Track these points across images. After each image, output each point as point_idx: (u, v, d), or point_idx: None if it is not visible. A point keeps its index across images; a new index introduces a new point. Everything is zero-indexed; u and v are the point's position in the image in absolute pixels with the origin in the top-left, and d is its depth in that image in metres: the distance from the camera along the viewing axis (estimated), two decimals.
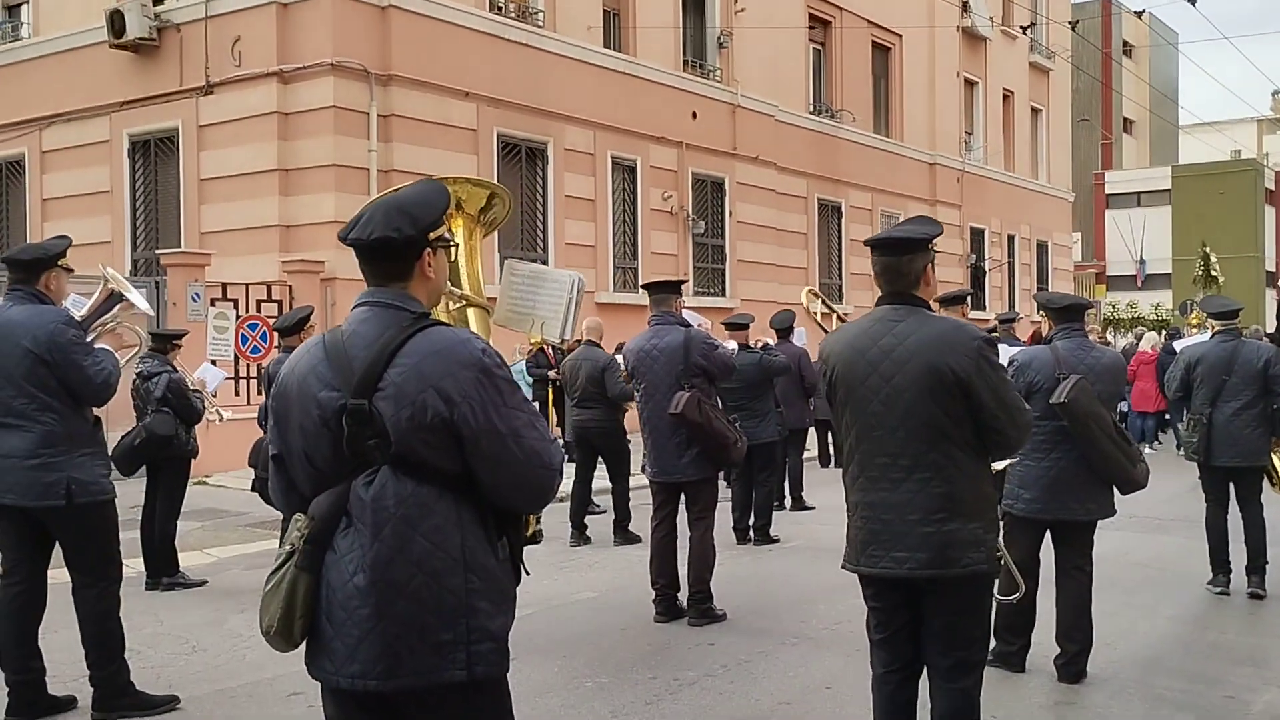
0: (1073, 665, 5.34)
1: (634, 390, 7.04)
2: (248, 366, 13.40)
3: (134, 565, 7.33)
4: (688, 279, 18.46)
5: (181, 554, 8.01)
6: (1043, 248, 32.17)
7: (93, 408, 4.96)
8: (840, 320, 5.92)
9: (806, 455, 11.86)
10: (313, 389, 2.53)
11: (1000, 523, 3.97)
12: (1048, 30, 32.02)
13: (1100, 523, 5.44)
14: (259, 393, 11.28)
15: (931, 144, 26.74)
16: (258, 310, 13.64)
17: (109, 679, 4.90)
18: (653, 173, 19.13)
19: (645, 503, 7.28)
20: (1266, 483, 7.40)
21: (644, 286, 7.40)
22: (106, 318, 5.18)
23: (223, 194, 15.18)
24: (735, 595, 6.99)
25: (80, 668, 4.99)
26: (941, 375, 3.50)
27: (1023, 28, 30.10)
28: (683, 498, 6.79)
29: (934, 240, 3.68)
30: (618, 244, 18.67)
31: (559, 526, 8.95)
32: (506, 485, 2.52)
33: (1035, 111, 32.08)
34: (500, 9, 16.97)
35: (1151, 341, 17.43)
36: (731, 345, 8.52)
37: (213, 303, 13.20)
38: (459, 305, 3.77)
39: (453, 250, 2.91)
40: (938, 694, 3.63)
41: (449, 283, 3.23)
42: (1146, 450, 13.74)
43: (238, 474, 11.17)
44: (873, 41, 25.09)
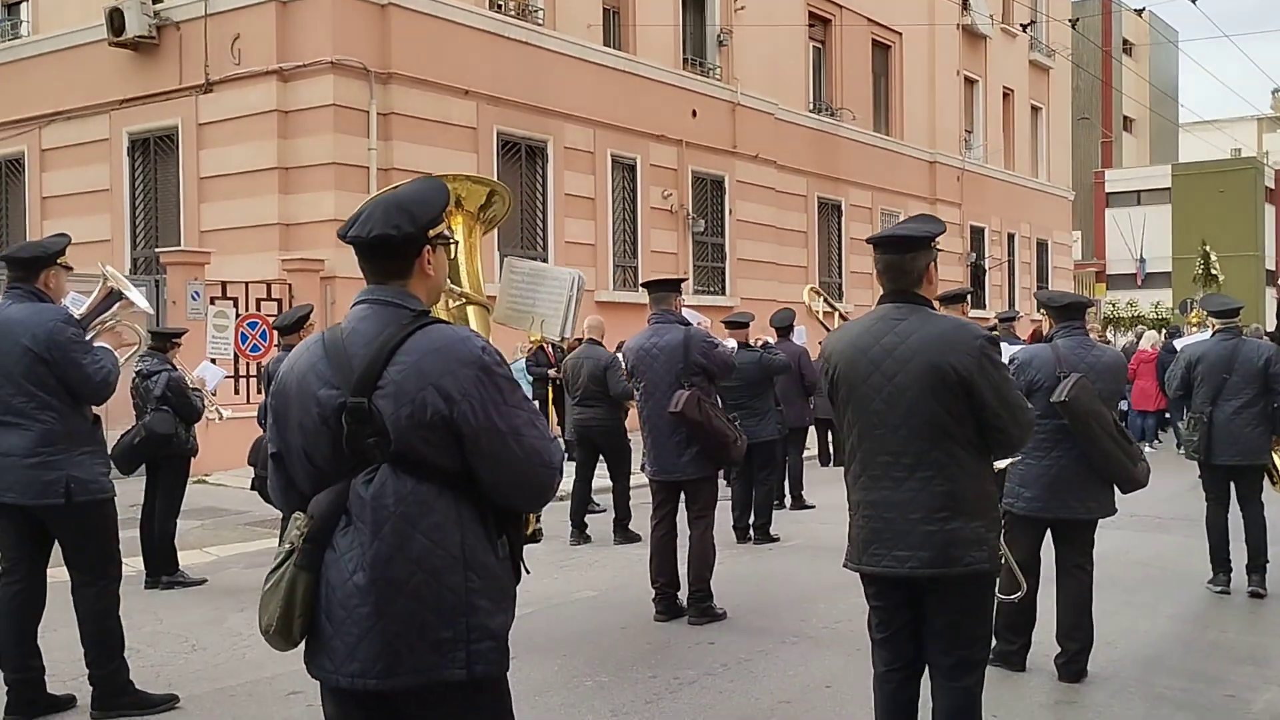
0: (1073, 664, 5.33)
1: (634, 389, 7.03)
2: (247, 365, 13.40)
3: (133, 564, 7.32)
4: (687, 277, 18.45)
5: (181, 552, 8.01)
6: (1043, 246, 32.17)
7: (92, 406, 4.95)
8: (842, 319, 5.89)
9: (806, 454, 11.86)
10: (312, 387, 2.53)
11: (1001, 521, 3.96)
12: (1048, 28, 32.01)
13: (1100, 521, 5.43)
14: (259, 391, 11.28)
15: (931, 142, 26.72)
16: (257, 309, 13.63)
17: (108, 678, 4.90)
18: (652, 171, 19.12)
19: (645, 501, 7.27)
20: (1267, 481, 7.39)
21: (643, 285, 7.40)
22: (106, 316, 5.17)
23: (222, 192, 15.17)
24: (735, 594, 6.98)
25: (79, 666, 4.99)
26: (944, 374, 3.49)
27: (1023, 26, 30.13)
28: (682, 496, 6.79)
29: (937, 238, 3.68)
30: (617, 242, 18.66)
31: (559, 525, 8.95)
32: (506, 483, 2.51)
33: (1035, 110, 32.07)
34: (500, 7, 16.95)
35: (1152, 340, 17.42)
36: (731, 344, 8.51)
37: (212, 301, 13.19)
38: (459, 303, 3.76)
39: (452, 248, 2.91)
40: (939, 693, 3.62)
41: (449, 280, 3.22)
42: (1147, 449, 13.74)
43: (237, 472, 11.17)
44: (873, 40, 25.07)
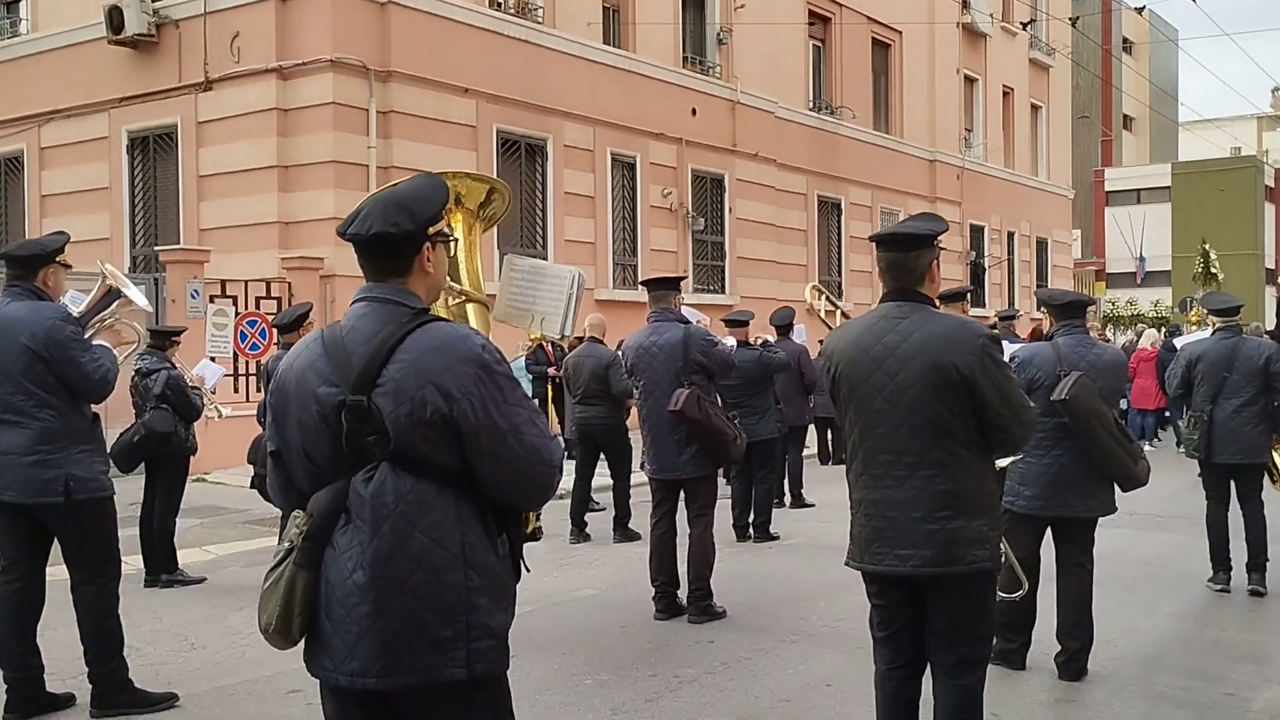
0: (1073, 663, 5.33)
1: (633, 387, 7.03)
2: (247, 363, 13.39)
3: (133, 562, 7.32)
4: (687, 276, 18.44)
5: (180, 551, 8.01)
6: (1042, 245, 32.15)
7: (91, 404, 4.95)
8: (844, 317, 5.89)
9: (806, 452, 11.86)
10: (311, 385, 2.52)
11: (1003, 520, 3.95)
12: (1048, 27, 31.99)
13: (1100, 520, 5.43)
14: (258, 390, 11.27)
15: (931, 141, 26.71)
16: (257, 307, 13.62)
17: (108, 676, 4.89)
18: (652, 169, 19.10)
19: (645, 500, 7.27)
20: (1267, 480, 7.39)
21: (643, 283, 7.39)
22: (105, 314, 5.17)
23: (222, 190, 15.15)
24: (735, 592, 6.98)
25: (79, 665, 4.99)
26: (946, 373, 3.48)
27: (1023, 24, 30.11)
28: (682, 495, 6.78)
29: (939, 237, 3.68)
30: (617, 241, 18.64)
31: (559, 523, 8.94)
32: (506, 482, 2.50)
33: (1035, 108, 32.05)
34: (499, 5, 16.93)
35: (1151, 339, 17.43)
36: (730, 342, 8.51)
37: (212, 299, 13.18)
38: (458, 301, 3.75)
39: (452, 245, 2.90)
40: (941, 691, 3.62)
41: (448, 278, 3.21)
42: (1146, 447, 13.73)
43: (237, 471, 11.16)
44: (873, 38, 25.05)
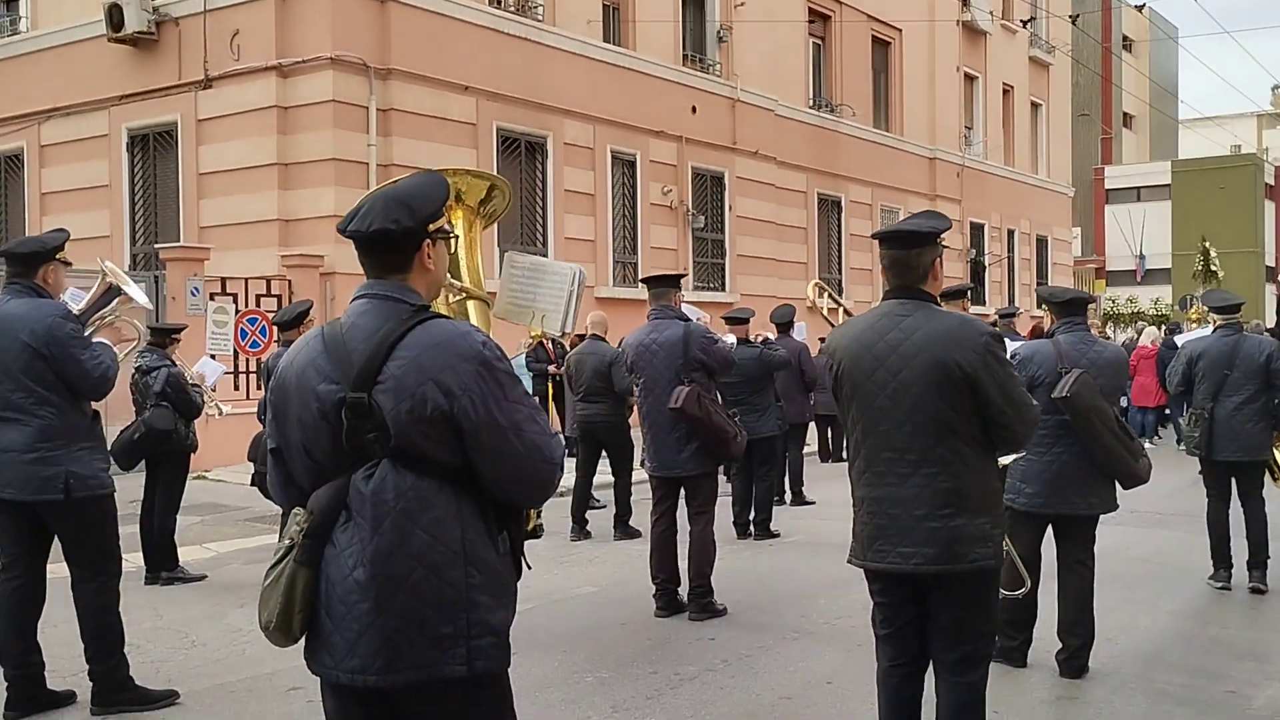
0: (1074, 660, 5.33)
1: (634, 385, 7.02)
2: (247, 361, 13.38)
3: (133, 560, 7.31)
4: (687, 273, 18.43)
5: (181, 549, 8.00)
6: (1042, 243, 32.15)
7: (91, 402, 4.94)
8: (847, 314, 5.88)
9: (806, 450, 11.85)
10: (311, 382, 2.51)
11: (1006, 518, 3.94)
12: (1048, 24, 31.98)
13: (1101, 518, 5.43)
14: (258, 387, 11.26)
15: (931, 139, 26.70)
16: (257, 305, 13.61)
17: (108, 673, 4.89)
18: (652, 167, 19.09)
19: (645, 497, 7.26)
20: (1268, 477, 7.39)
21: (643, 281, 7.38)
22: (105, 311, 5.16)
23: (222, 188, 15.14)
24: (735, 590, 6.98)
25: (79, 662, 4.98)
26: (948, 371, 3.48)
27: (1023, 22, 30.11)
28: (683, 492, 6.78)
29: (942, 235, 3.68)
30: (617, 239, 18.63)
31: (560, 521, 8.94)
32: (507, 479, 2.50)
33: (1035, 106, 32.03)
34: (499, 3, 16.91)
35: (1152, 336, 17.43)
36: (730, 339, 8.50)
37: (212, 297, 13.18)
38: (459, 298, 3.74)
39: (452, 242, 2.89)
40: (944, 688, 3.62)
41: (448, 275, 3.20)
42: (1147, 445, 13.72)
43: (237, 468, 11.15)
44: (872, 36, 25.04)
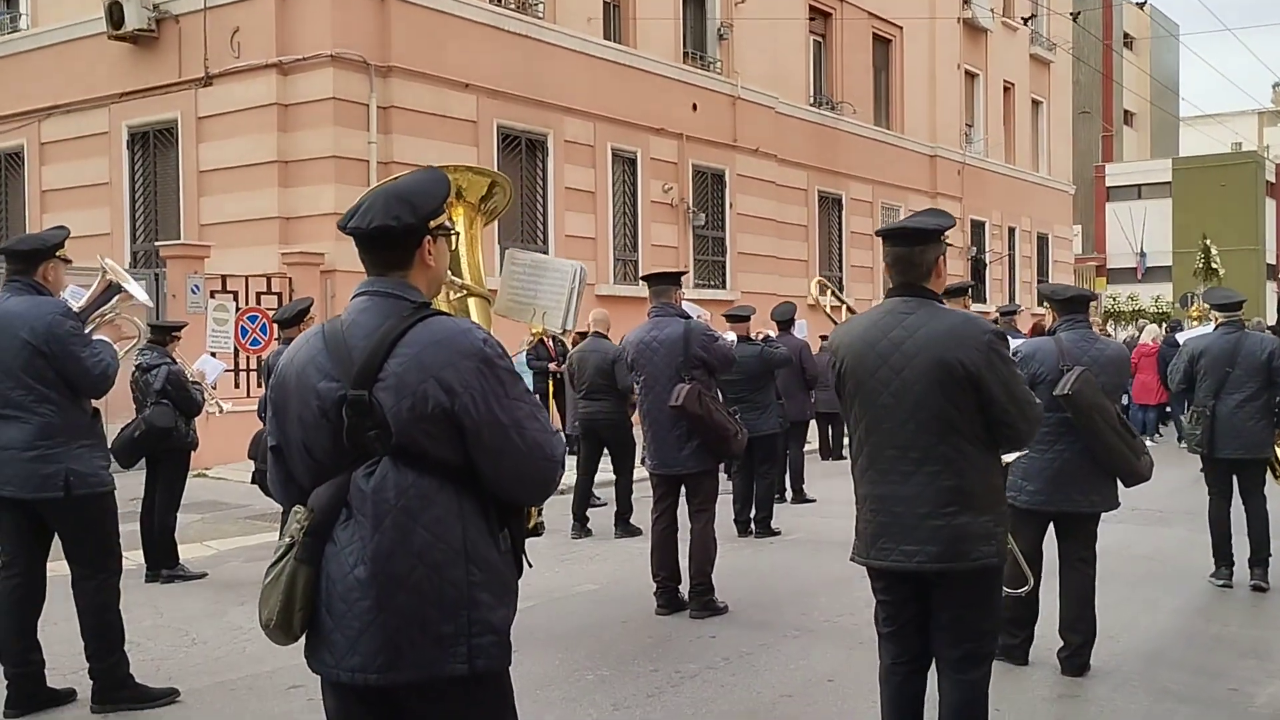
0: (1076, 658, 5.32)
1: (634, 382, 7.01)
2: (247, 359, 13.37)
3: (133, 557, 7.31)
4: (687, 271, 18.41)
5: (181, 546, 8.00)
6: (1043, 240, 32.13)
7: (91, 399, 4.94)
8: (850, 311, 5.87)
9: (807, 448, 11.85)
10: (312, 379, 2.50)
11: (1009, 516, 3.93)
12: (1049, 22, 31.95)
13: (1102, 515, 5.42)
14: (259, 385, 11.25)
15: (932, 136, 26.67)
16: (257, 302, 13.60)
17: (108, 671, 4.89)
18: (653, 164, 19.08)
19: (646, 495, 7.26)
20: (1269, 475, 7.38)
21: (643, 278, 7.36)
22: (105, 309, 5.15)
23: (222, 186, 15.13)
24: (736, 588, 6.97)
25: (80, 660, 4.98)
26: (951, 369, 3.47)
27: (1024, 19, 30.07)
28: (683, 490, 6.77)
29: (946, 232, 3.68)
30: (618, 236, 18.61)
31: (560, 519, 8.94)
32: (508, 477, 2.49)
33: (1036, 103, 32.00)
34: (500, 0, 16.89)
35: (1153, 334, 17.42)
36: (731, 337, 8.49)
37: (212, 295, 13.17)
38: (460, 295, 3.74)
39: (453, 239, 2.88)
40: (947, 686, 3.62)
41: (449, 272, 3.19)
42: (1148, 443, 13.71)
43: (237, 466, 11.15)
44: (873, 33, 25.01)
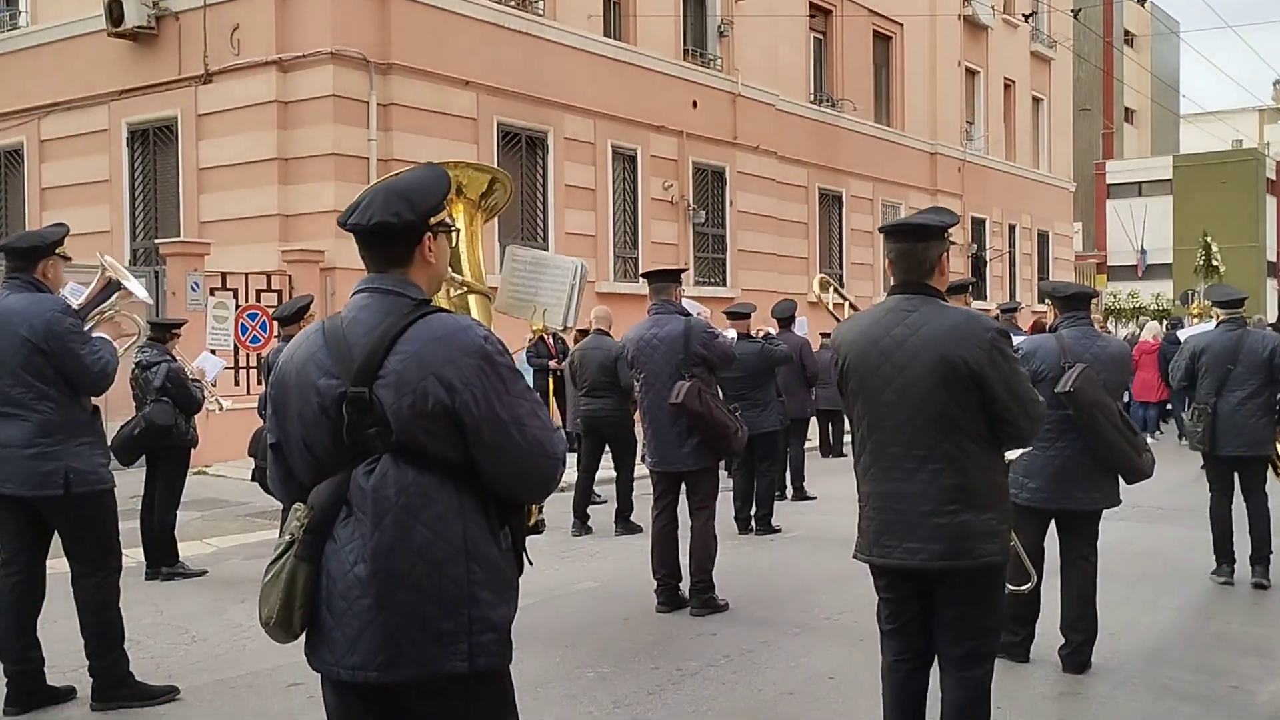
0: (1077, 655, 5.32)
1: (634, 379, 7.00)
2: (247, 356, 13.37)
3: (133, 555, 7.30)
4: (687, 268, 18.40)
5: (181, 544, 7.99)
6: (1044, 237, 32.11)
7: (90, 397, 4.93)
8: (853, 309, 5.85)
9: (808, 445, 11.85)
10: (312, 377, 2.50)
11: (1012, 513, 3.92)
12: (1049, 18, 31.93)
13: (1103, 513, 5.41)
14: (259, 382, 11.25)
15: (933, 133, 26.65)
16: (257, 300, 13.60)
17: (108, 669, 4.88)
18: (653, 162, 19.06)
19: (646, 493, 7.25)
20: (1271, 472, 7.37)
21: (643, 275, 7.35)
22: (104, 306, 5.15)
23: (222, 183, 15.12)
24: (737, 585, 6.96)
25: (79, 658, 4.97)
26: (954, 367, 3.46)
27: (1025, 16, 30.01)
28: (684, 488, 6.76)
29: (950, 230, 3.67)
30: (618, 233, 18.60)
31: (560, 516, 8.93)
32: (509, 474, 2.48)
33: (1036, 101, 31.98)
34: None
35: (1153, 331, 17.42)
36: (731, 334, 8.49)
37: (212, 292, 13.17)
38: (460, 292, 3.73)
39: (453, 236, 2.87)
40: (950, 683, 3.61)
41: (450, 269, 3.18)
42: (1149, 440, 13.71)
43: (237, 464, 11.14)
44: (874, 30, 24.99)
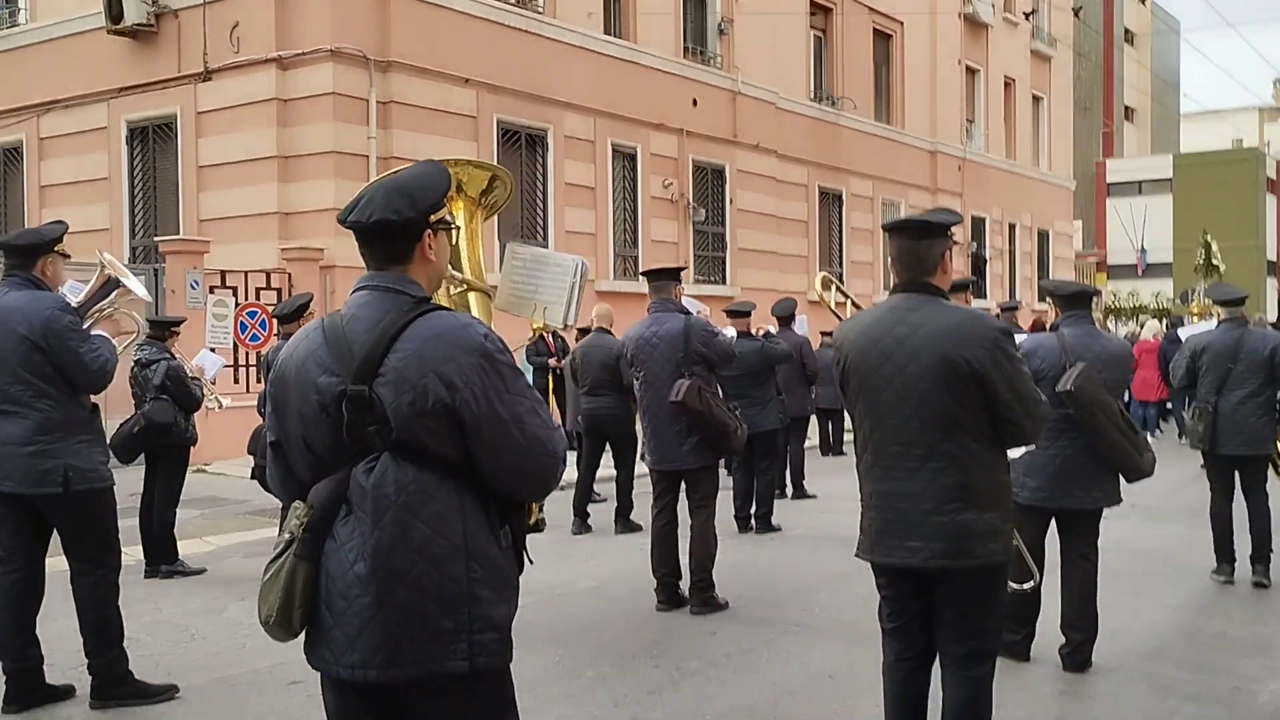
0: (1078, 655, 5.31)
1: (634, 378, 6.99)
2: (247, 354, 13.36)
3: (133, 553, 7.29)
4: (687, 266, 18.40)
5: (180, 542, 7.99)
6: (1044, 236, 32.11)
7: (89, 394, 4.92)
8: (856, 307, 5.84)
9: (808, 444, 11.84)
10: (311, 374, 2.49)
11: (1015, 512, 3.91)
12: (1050, 17, 31.92)
13: (1104, 512, 5.40)
14: (258, 380, 11.25)
15: (933, 132, 26.64)
16: (256, 298, 13.59)
17: (107, 667, 4.87)
18: (653, 160, 19.05)
19: (646, 491, 7.24)
20: (1271, 472, 7.37)
21: (643, 274, 7.34)
22: (103, 304, 5.14)
23: (221, 181, 15.11)
24: (737, 584, 6.95)
25: (79, 656, 4.97)
26: (956, 366, 3.45)
27: (1025, 14, 30.00)
28: (683, 486, 6.75)
29: (953, 229, 3.65)
30: (618, 232, 18.59)
31: (561, 515, 8.92)
32: (509, 472, 2.48)
33: (1037, 99, 31.96)
34: None
35: (1153, 330, 17.40)
36: (730, 332, 8.48)
37: (211, 290, 13.16)
38: (460, 290, 3.72)
39: (454, 233, 2.86)
40: (951, 682, 3.60)
41: (450, 266, 3.18)
42: (1148, 439, 13.70)
43: (237, 462, 11.13)
44: (874, 28, 24.97)
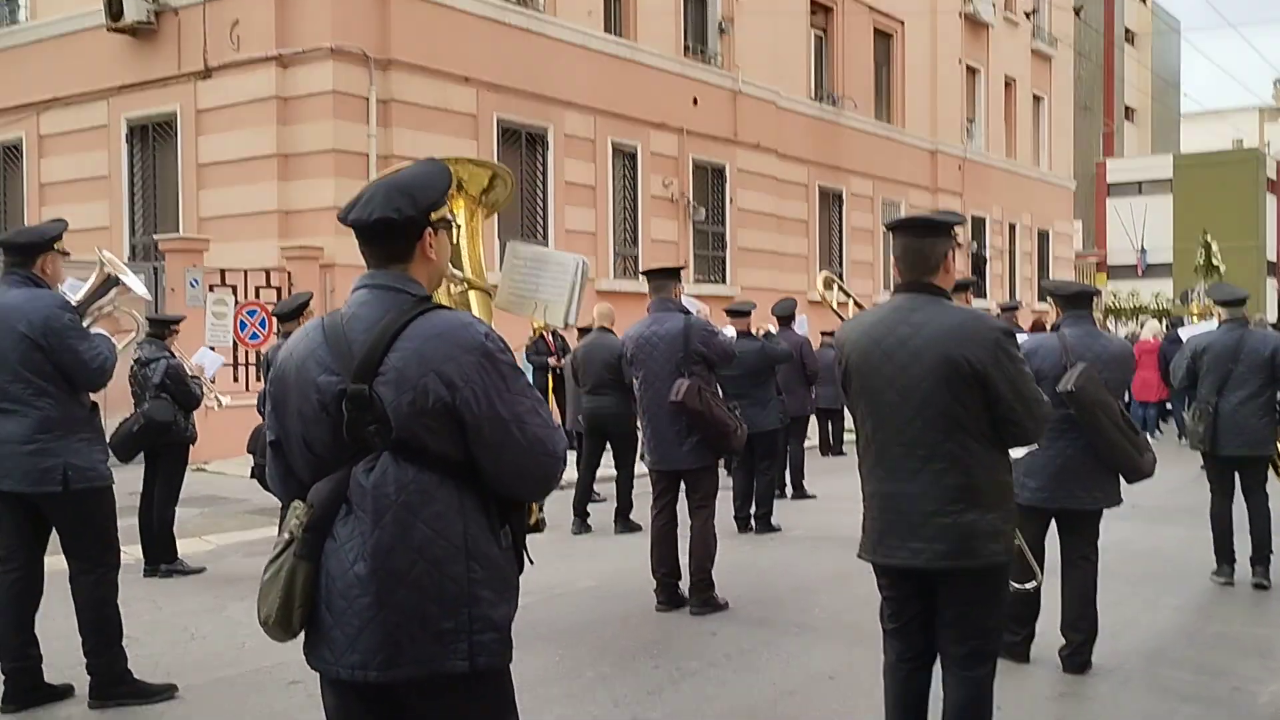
0: (1078, 656, 5.30)
1: (634, 377, 6.98)
2: (246, 353, 13.36)
3: (132, 552, 7.29)
4: (687, 265, 18.40)
5: (180, 541, 7.98)
6: (1044, 236, 32.11)
7: (89, 393, 4.91)
8: (858, 307, 5.84)
9: (808, 444, 11.83)
10: (311, 373, 2.48)
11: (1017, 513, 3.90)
12: (1050, 17, 31.91)
13: (1104, 513, 5.39)
14: (258, 379, 11.24)
15: (933, 131, 26.63)
16: (256, 296, 13.58)
17: (106, 666, 4.86)
18: (653, 159, 19.04)
19: (646, 491, 7.23)
20: (1271, 472, 7.36)
21: (643, 273, 7.33)
22: (103, 302, 5.13)
23: (221, 179, 15.10)
24: (737, 584, 6.95)
25: (77, 656, 4.95)
26: (958, 366, 3.44)
27: (1026, 14, 30.00)
28: (683, 486, 6.75)
29: (956, 229, 3.65)
30: (618, 231, 18.58)
31: (561, 515, 8.91)
32: (509, 472, 2.47)
33: (1037, 99, 31.96)
34: None
35: (1153, 330, 17.40)
36: (730, 331, 8.47)
37: (211, 288, 13.15)
38: (461, 288, 3.71)
39: (454, 232, 2.86)
40: (952, 683, 3.60)
41: (450, 265, 3.16)
42: (1148, 439, 13.69)
43: (237, 461, 11.13)
44: (874, 28, 24.96)
